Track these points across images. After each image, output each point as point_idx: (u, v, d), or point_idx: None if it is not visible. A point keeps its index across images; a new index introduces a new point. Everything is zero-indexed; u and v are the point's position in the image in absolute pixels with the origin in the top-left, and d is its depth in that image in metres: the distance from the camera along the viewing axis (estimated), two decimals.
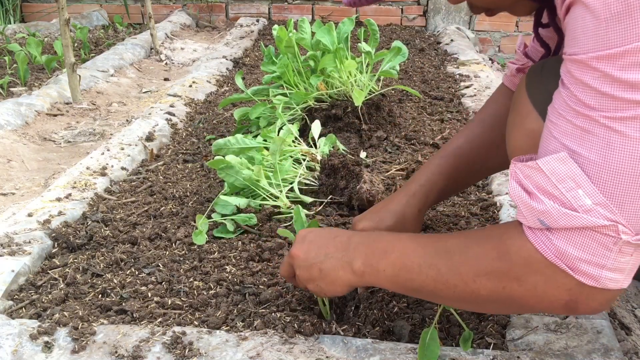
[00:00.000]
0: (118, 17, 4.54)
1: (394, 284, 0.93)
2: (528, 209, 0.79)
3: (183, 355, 0.99)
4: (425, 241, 0.93)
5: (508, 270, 0.81)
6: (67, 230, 1.46)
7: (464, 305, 0.93)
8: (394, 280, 0.92)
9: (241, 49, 3.62)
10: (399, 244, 0.93)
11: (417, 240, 0.93)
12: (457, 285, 0.86)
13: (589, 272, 0.76)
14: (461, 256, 0.86)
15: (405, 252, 0.91)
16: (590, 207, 0.73)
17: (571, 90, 0.74)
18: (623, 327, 1.14)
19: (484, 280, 0.83)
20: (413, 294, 0.95)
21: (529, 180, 0.78)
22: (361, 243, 0.97)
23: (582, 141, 0.73)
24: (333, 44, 2.02)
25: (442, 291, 0.88)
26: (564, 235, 0.76)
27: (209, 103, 2.65)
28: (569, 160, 0.74)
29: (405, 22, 4.48)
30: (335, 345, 1.00)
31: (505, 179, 1.69)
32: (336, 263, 0.96)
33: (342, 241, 0.98)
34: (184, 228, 1.46)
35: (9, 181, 1.96)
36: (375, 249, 0.95)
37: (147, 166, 1.93)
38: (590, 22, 0.69)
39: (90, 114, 2.64)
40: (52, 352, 1.01)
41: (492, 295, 0.84)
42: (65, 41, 2.55)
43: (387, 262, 0.92)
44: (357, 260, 0.95)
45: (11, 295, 1.22)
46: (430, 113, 2.40)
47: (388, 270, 0.92)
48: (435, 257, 0.89)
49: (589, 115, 0.72)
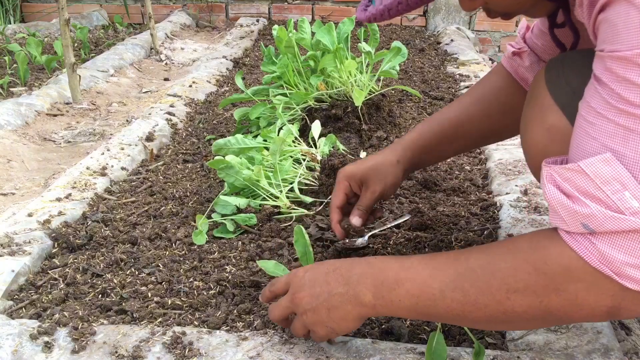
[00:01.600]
0: (118, 17, 4.54)
1: (413, 312, 0.88)
2: (570, 213, 0.75)
3: (183, 355, 0.99)
4: (440, 264, 0.88)
5: (546, 282, 0.77)
6: (67, 230, 1.46)
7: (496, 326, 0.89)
8: (413, 309, 0.88)
9: (241, 49, 3.62)
10: (411, 272, 0.88)
11: (430, 264, 0.88)
12: (488, 305, 0.81)
13: (634, 276, 0.73)
14: (489, 274, 0.81)
15: (420, 279, 0.87)
16: (638, 210, 0.71)
17: (612, 87, 0.71)
18: (623, 327, 1.14)
19: (518, 297, 0.79)
20: (435, 319, 0.90)
21: (568, 183, 0.75)
22: (364, 275, 0.91)
23: (626, 141, 0.71)
24: (333, 44, 2.02)
25: (472, 313, 0.83)
26: (609, 240, 0.73)
27: (209, 103, 2.65)
28: (614, 162, 0.71)
29: (405, 22, 4.48)
30: (335, 345, 1.00)
31: (505, 179, 1.69)
32: (341, 298, 0.91)
33: (342, 274, 0.93)
34: (184, 228, 1.46)
35: (9, 181, 1.96)
36: (384, 279, 0.89)
37: (147, 166, 1.93)
38: (636, 17, 0.68)
39: (90, 114, 2.64)
40: (52, 352, 1.01)
41: (529, 311, 0.80)
42: (65, 41, 2.55)
43: (401, 292, 0.87)
44: (366, 294, 0.90)
45: (11, 295, 1.22)
46: (430, 113, 2.40)
47: (404, 301, 0.87)
48: (458, 278, 0.84)
49: (634, 114, 0.69)
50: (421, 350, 0.98)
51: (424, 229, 1.46)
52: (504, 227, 1.41)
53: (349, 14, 4.42)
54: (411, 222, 1.48)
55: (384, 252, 1.34)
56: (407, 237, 1.40)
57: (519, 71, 1.24)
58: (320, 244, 1.38)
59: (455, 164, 1.89)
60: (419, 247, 1.36)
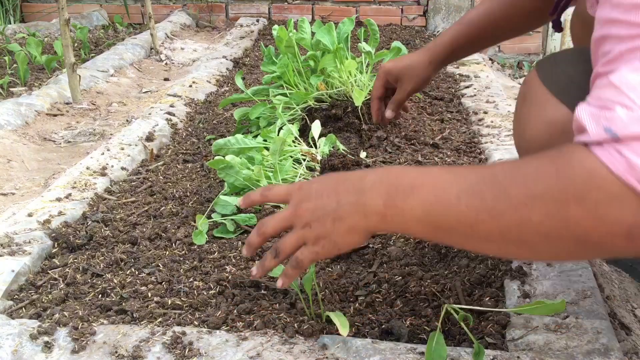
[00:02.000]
0: (118, 17, 4.54)
1: (424, 224, 0.81)
2: (594, 117, 0.70)
3: (183, 355, 0.99)
4: (463, 170, 0.82)
5: (567, 187, 0.71)
6: (67, 230, 1.46)
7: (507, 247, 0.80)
8: (425, 219, 0.80)
9: (241, 49, 3.62)
10: (430, 177, 0.81)
11: (454, 171, 0.81)
12: (504, 214, 0.74)
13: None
14: (510, 178, 0.75)
15: (438, 184, 0.80)
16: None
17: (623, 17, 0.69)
18: (623, 327, 1.14)
19: (537, 203, 0.72)
20: (444, 236, 0.83)
21: (598, 99, 0.71)
22: (379, 181, 0.84)
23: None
24: (333, 44, 2.02)
25: (484, 223, 0.76)
26: (635, 147, 0.67)
27: (209, 103, 2.65)
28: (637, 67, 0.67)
29: (405, 22, 4.48)
30: (335, 346, 1.00)
31: None
32: (350, 208, 0.84)
33: (354, 183, 0.85)
34: (184, 228, 1.46)
35: (9, 181, 1.96)
36: (399, 186, 0.82)
37: (147, 166, 1.93)
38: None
39: (90, 114, 2.64)
40: (52, 352, 1.01)
41: (545, 221, 0.72)
42: (65, 41, 2.55)
43: (416, 199, 0.80)
44: (377, 202, 0.82)
45: (11, 295, 1.22)
46: (430, 113, 2.40)
47: (417, 210, 0.80)
48: (478, 183, 0.77)
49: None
50: (421, 350, 0.99)
51: None
52: None
53: (349, 14, 4.42)
54: None
55: (384, 252, 1.34)
56: (407, 237, 1.40)
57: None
58: None
59: (455, 164, 1.89)
60: (419, 247, 1.36)
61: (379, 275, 1.26)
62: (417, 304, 1.16)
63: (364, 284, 1.24)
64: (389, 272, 1.27)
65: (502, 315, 1.09)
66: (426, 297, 1.18)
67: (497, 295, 1.17)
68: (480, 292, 1.19)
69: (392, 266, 1.30)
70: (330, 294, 1.19)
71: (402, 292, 1.21)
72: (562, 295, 1.13)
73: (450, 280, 1.22)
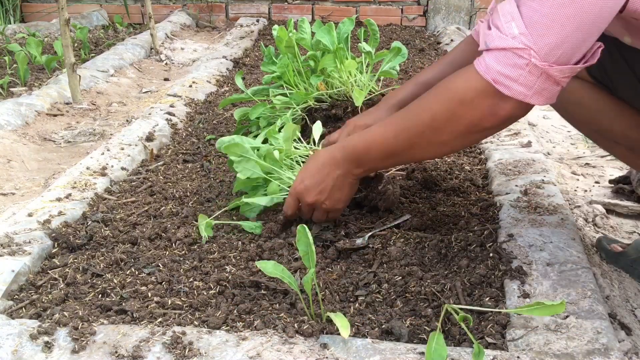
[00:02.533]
0: (118, 17, 4.54)
1: (386, 160, 1.28)
2: (482, 34, 1.10)
3: (183, 355, 0.99)
4: (390, 121, 1.25)
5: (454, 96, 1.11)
6: (67, 230, 1.46)
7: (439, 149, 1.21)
8: (385, 158, 1.27)
9: (241, 49, 3.62)
10: (371, 137, 1.26)
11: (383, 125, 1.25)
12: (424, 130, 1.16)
13: (506, 84, 1.05)
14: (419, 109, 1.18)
15: (379, 138, 1.24)
16: (516, 35, 1.02)
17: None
18: (623, 327, 1.14)
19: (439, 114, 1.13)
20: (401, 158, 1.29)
21: (491, 20, 1.08)
22: (347, 155, 1.29)
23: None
24: (333, 44, 2.01)
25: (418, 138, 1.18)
26: (493, 55, 1.05)
27: (209, 103, 2.65)
28: (512, 2, 1.03)
29: (405, 22, 4.48)
30: (335, 345, 1.00)
31: (505, 179, 1.69)
32: (342, 178, 1.31)
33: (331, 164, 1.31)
34: (184, 228, 1.46)
35: (9, 181, 1.96)
36: (358, 154, 1.28)
37: (147, 166, 1.93)
38: None
39: (90, 114, 2.64)
40: (52, 352, 1.01)
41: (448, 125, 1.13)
42: (65, 41, 2.55)
43: (373, 154, 1.26)
44: (354, 169, 1.31)
45: (11, 295, 1.22)
46: None
47: (378, 156, 1.26)
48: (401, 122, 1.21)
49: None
50: (421, 350, 0.99)
51: (424, 229, 1.46)
52: (504, 227, 1.41)
53: (349, 14, 4.42)
54: (411, 222, 1.48)
55: (384, 252, 1.34)
56: (407, 237, 1.40)
57: None
58: (320, 243, 1.38)
59: (455, 164, 1.89)
60: (419, 247, 1.36)
61: (379, 275, 1.26)
62: (417, 304, 1.16)
63: (364, 284, 1.24)
64: (389, 272, 1.27)
65: (502, 315, 1.09)
66: (426, 297, 1.18)
67: (497, 295, 1.17)
68: (480, 292, 1.19)
69: (392, 266, 1.30)
70: (330, 294, 1.19)
71: (402, 292, 1.21)
72: (562, 295, 1.13)
73: (450, 280, 1.22)
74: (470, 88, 1.08)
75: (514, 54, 1.02)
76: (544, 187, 1.61)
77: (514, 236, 1.34)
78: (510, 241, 1.33)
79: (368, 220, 1.50)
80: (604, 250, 1.44)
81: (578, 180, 1.94)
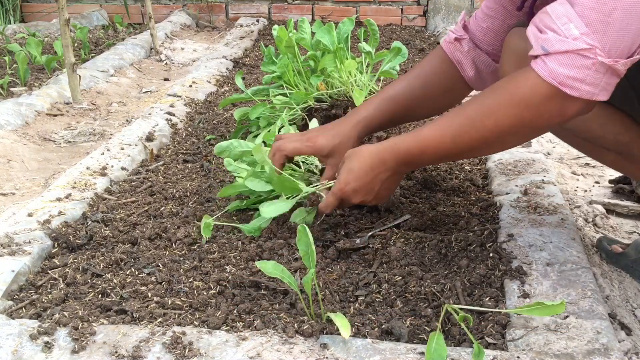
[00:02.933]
0: (118, 17, 4.54)
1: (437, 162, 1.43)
2: (536, 39, 1.07)
3: (183, 355, 0.99)
4: (445, 123, 1.21)
5: (519, 103, 1.09)
6: (67, 230, 1.46)
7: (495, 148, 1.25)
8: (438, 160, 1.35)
9: (241, 49, 3.62)
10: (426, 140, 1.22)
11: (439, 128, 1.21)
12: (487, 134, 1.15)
13: (573, 86, 1.04)
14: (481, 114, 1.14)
15: (435, 142, 1.21)
16: (577, 36, 1.01)
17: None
18: (623, 327, 1.14)
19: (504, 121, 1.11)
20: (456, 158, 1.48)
21: (540, 22, 1.07)
22: (399, 159, 1.26)
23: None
24: (333, 44, 2.02)
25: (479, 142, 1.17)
26: (555, 59, 1.04)
27: (209, 103, 2.65)
28: (565, 3, 1.03)
29: (405, 22, 4.48)
30: (335, 346, 1.00)
31: (505, 179, 1.69)
32: (391, 177, 1.30)
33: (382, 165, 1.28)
34: (184, 228, 1.46)
35: (9, 181, 1.96)
36: (411, 157, 1.26)
37: (147, 166, 1.93)
38: None
39: (90, 114, 2.64)
40: (52, 352, 1.01)
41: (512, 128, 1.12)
42: (65, 41, 2.55)
43: (426, 157, 1.25)
44: (404, 168, 1.31)
45: (11, 295, 1.22)
46: None
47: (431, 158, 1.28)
48: (461, 127, 1.17)
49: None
50: (421, 350, 0.99)
51: (424, 229, 1.46)
52: (504, 227, 1.41)
53: (349, 14, 4.42)
54: (411, 222, 1.48)
55: (384, 252, 1.34)
56: (407, 237, 1.40)
57: (456, 55, 1.47)
58: (320, 243, 1.38)
59: (455, 164, 1.89)
60: (419, 247, 1.36)
61: (379, 275, 1.26)
62: (417, 304, 1.16)
63: (364, 284, 1.24)
64: (389, 272, 1.27)
65: (502, 315, 1.09)
66: (426, 297, 1.18)
67: (497, 295, 1.17)
68: (480, 292, 1.19)
69: (392, 266, 1.30)
70: (330, 294, 1.19)
71: (402, 292, 1.21)
72: (562, 295, 1.13)
73: (450, 280, 1.22)
74: (537, 93, 1.07)
75: (579, 55, 1.01)
76: (544, 187, 1.61)
77: (514, 236, 1.34)
78: (510, 241, 1.33)
79: (368, 220, 1.50)
80: (605, 250, 1.44)
81: (578, 180, 1.94)
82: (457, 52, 1.47)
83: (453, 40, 1.47)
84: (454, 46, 1.47)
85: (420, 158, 1.26)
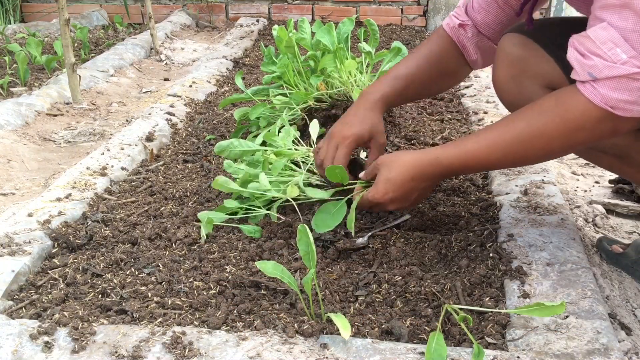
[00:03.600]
0: (118, 17, 4.54)
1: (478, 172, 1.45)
2: (581, 65, 1.07)
3: (183, 355, 0.99)
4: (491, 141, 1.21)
5: (571, 126, 1.11)
6: (67, 230, 1.46)
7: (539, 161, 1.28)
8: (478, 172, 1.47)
9: (241, 49, 3.62)
10: (470, 156, 1.22)
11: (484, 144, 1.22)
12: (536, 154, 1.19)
13: (623, 107, 1.05)
14: (530, 135, 1.16)
15: (478, 160, 1.22)
16: (625, 60, 1.01)
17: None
18: (623, 327, 1.14)
19: (555, 142, 1.14)
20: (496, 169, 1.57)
21: (582, 45, 1.06)
22: (441, 172, 1.27)
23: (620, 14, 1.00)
24: (333, 44, 2.02)
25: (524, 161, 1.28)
26: (605, 84, 1.04)
27: (209, 103, 2.65)
28: (609, 28, 1.02)
29: (405, 22, 4.48)
30: (335, 346, 1.00)
31: (505, 179, 1.69)
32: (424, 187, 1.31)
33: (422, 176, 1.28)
34: (184, 228, 1.46)
35: (9, 181, 1.96)
36: (454, 170, 1.27)
37: (147, 166, 1.93)
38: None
39: (90, 114, 2.64)
40: (52, 352, 1.01)
41: (563, 148, 1.18)
42: (65, 41, 2.55)
43: (468, 170, 1.30)
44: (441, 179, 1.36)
45: (11, 295, 1.22)
46: (430, 113, 2.40)
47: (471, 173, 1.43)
48: (508, 147, 1.19)
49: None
50: (421, 350, 0.99)
51: (424, 229, 1.46)
52: (504, 227, 1.41)
53: (349, 14, 4.42)
54: (411, 222, 1.48)
55: (384, 252, 1.34)
56: (407, 237, 1.40)
57: (461, 40, 1.50)
58: (320, 243, 1.38)
59: None
60: (419, 247, 1.36)
61: (379, 275, 1.26)
62: (417, 304, 1.16)
63: (364, 284, 1.24)
64: (389, 272, 1.27)
65: (502, 316, 1.09)
66: (426, 297, 1.18)
67: (497, 295, 1.17)
68: (480, 292, 1.19)
69: (392, 266, 1.30)
70: (330, 294, 1.19)
71: (402, 292, 1.21)
72: (562, 295, 1.13)
73: (450, 280, 1.22)
74: (590, 117, 1.08)
75: (630, 78, 1.02)
76: (544, 187, 1.61)
77: (514, 236, 1.35)
78: (510, 241, 1.33)
79: (368, 220, 1.50)
80: (605, 250, 1.44)
81: (578, 180, 1.94)
82: (461, 36, 1.50)
83: (457, 26, 1.50)
84: (458, 31, 1.50)
85: (461, 171, 1.29)
